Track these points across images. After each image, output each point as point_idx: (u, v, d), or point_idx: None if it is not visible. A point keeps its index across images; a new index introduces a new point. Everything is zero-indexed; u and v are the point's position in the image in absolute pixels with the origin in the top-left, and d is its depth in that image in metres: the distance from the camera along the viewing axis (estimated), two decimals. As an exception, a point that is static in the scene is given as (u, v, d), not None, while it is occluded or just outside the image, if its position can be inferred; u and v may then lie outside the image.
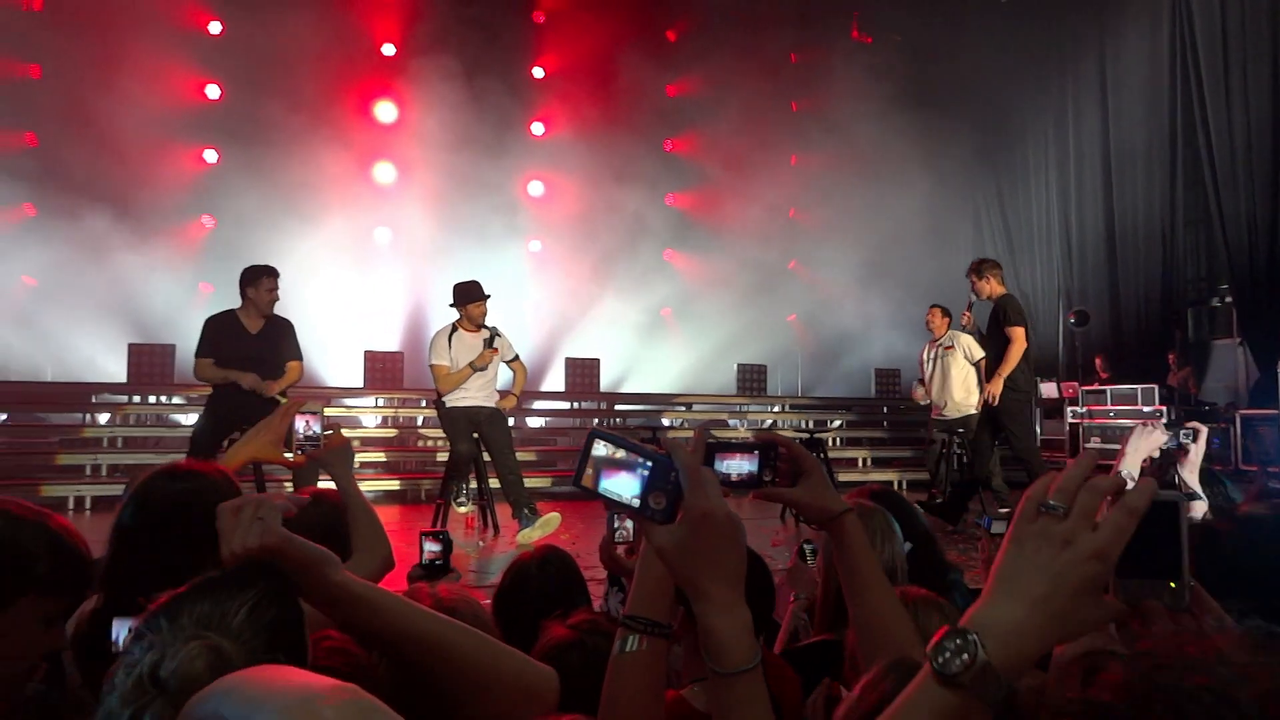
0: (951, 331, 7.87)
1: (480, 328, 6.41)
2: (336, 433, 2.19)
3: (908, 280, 12.23)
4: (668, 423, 11.94)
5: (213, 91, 11.60)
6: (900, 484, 10.02)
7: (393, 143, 12.30)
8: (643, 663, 1.07)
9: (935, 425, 8.04)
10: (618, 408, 12.01)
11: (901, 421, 12.42)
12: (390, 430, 10.48)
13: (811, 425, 11.81)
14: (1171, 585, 0.77)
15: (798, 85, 13.89)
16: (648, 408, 12.08)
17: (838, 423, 12.30)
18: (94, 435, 9.34)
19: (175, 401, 10.19)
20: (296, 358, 5.82)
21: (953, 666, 0.71)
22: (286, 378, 5.70)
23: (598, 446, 0.94)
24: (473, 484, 6.70)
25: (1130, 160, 12.51)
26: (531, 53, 13.16)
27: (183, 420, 9.94)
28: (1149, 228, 12.28)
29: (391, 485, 9.09)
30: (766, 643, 2.16)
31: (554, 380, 12.20)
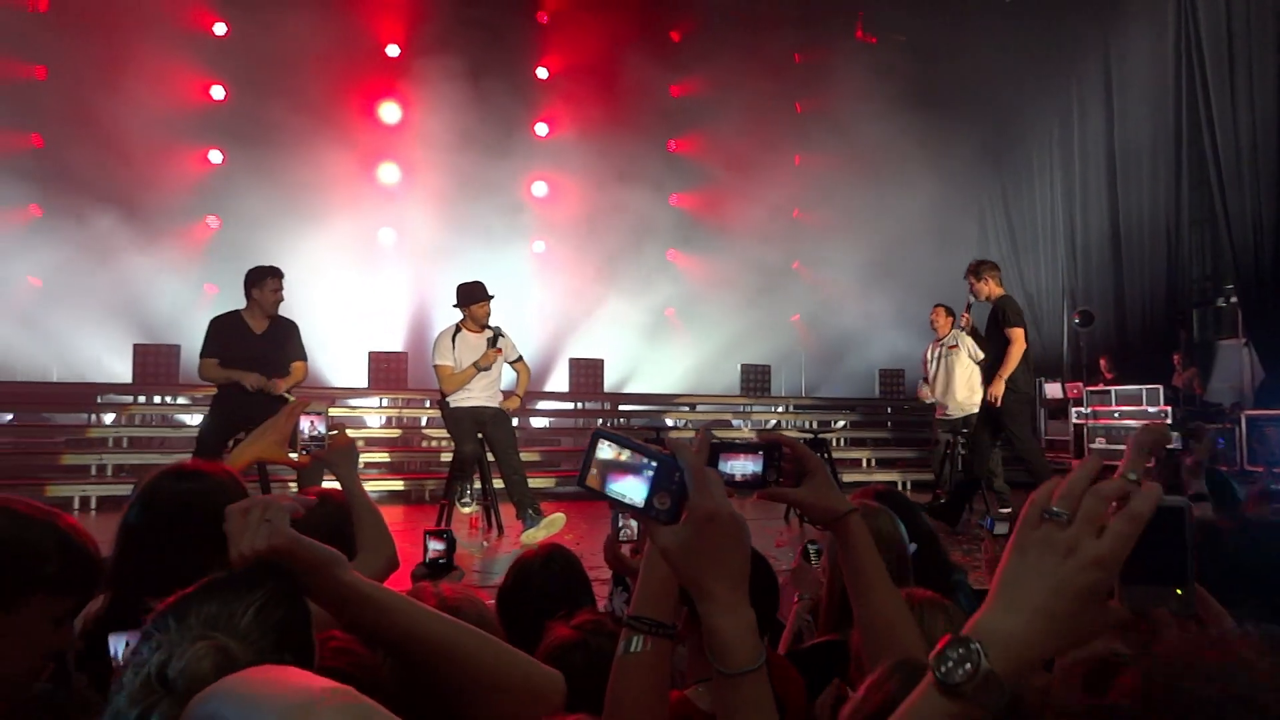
0: (955, 331, 7.87)
1: (484, 328, 6.42)
2: (341, 433, 2.19)
3: (912, 280, 12.21)
4: (671, 423, 11.94)
5: (217, 92, 11.63)
6: (904, 485, 10.00)
7: (397, 143, 12.32)
8: (647, 663, 1.07)
9: (940, 425, 8.05)
10: (621, 408, 12.01)
11: (905, 422, 12.40)
12: (394, 430, 10.50)
13: (815, 426, 11.80)
14: (1178, 592, 0.76)
15: (801, 85, 13.88)
16: (651, 408, 12.08)
17: (841, 423, 12.30)
18: (99, 435, 9.37)
19: (180, 402, 10.21)
20: (301, 358, 5.84)
21: (955, 676, 0.70)
22: (292, 378, 5.72)
23: (602, 447, 0.94)
24: (477, 484, 6.70)
25: (1135, 160, 12.48)
26: (535, 53, 13.16)
27: (188, 420, 9.95)
28: (1154, 227, 12.24)
29: (396, 485, 9.10)
30: (771, 643, 2.16)
31: (558, 381, 12.20)
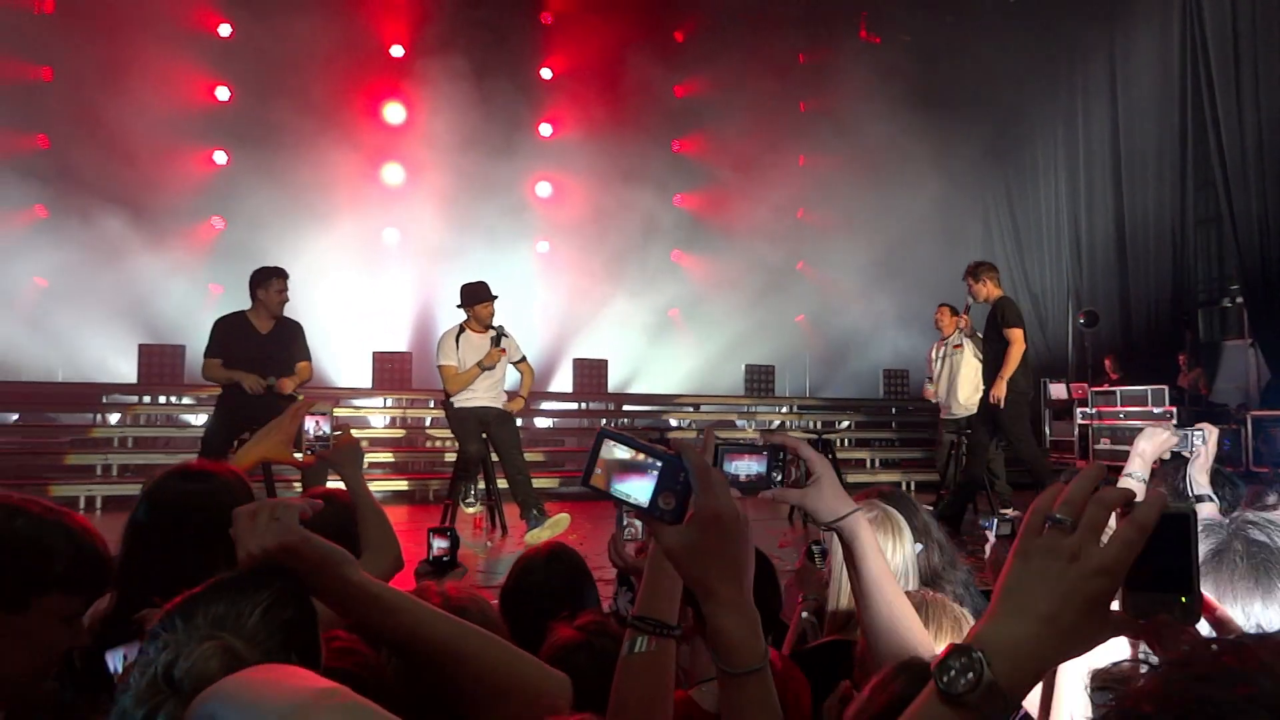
0: (959, 330, 7.86)
1: (488, 328, 6.42)
2: (346, 433, 2.20)
3: (916, 281, 12.19)
4: (675, 424, 11.94)
5: (222, 93, 11.65)
6: (909, 485, 9.98)
7: (401, 144, 12.33)
8: (652, 663, 1.07)
9: (944, 425, 8.04)
10: (625, 408, 12.01)
11: (910, 423, 12.38)
12: (398, 431, 10.51)
13: (819, 426, 11.79)
14: (1183, 600, 0.74)
15: (806, 86, 13.87)
16: (655, 408, 12.08)
17: (845, 424, 12.28)
18: (104, 435, 9.39)
19: (185, 402, 10.23)
20: (306, 359, 5.87)
21: (958, 686, 0.69)
22: (297, 378, 5.74)
23: (607, 446, 0.94)
24: (481, 484, 6.71)
25: (1140, 160, 12.46)
26: (539, 54, 13.17)
27: (192, 420, 9.98)
28: (1159, 228, 12.22)
29: (400, 485, 9.11)
30: (774, 644, 2.16)
31: (562, 381, 12.20)
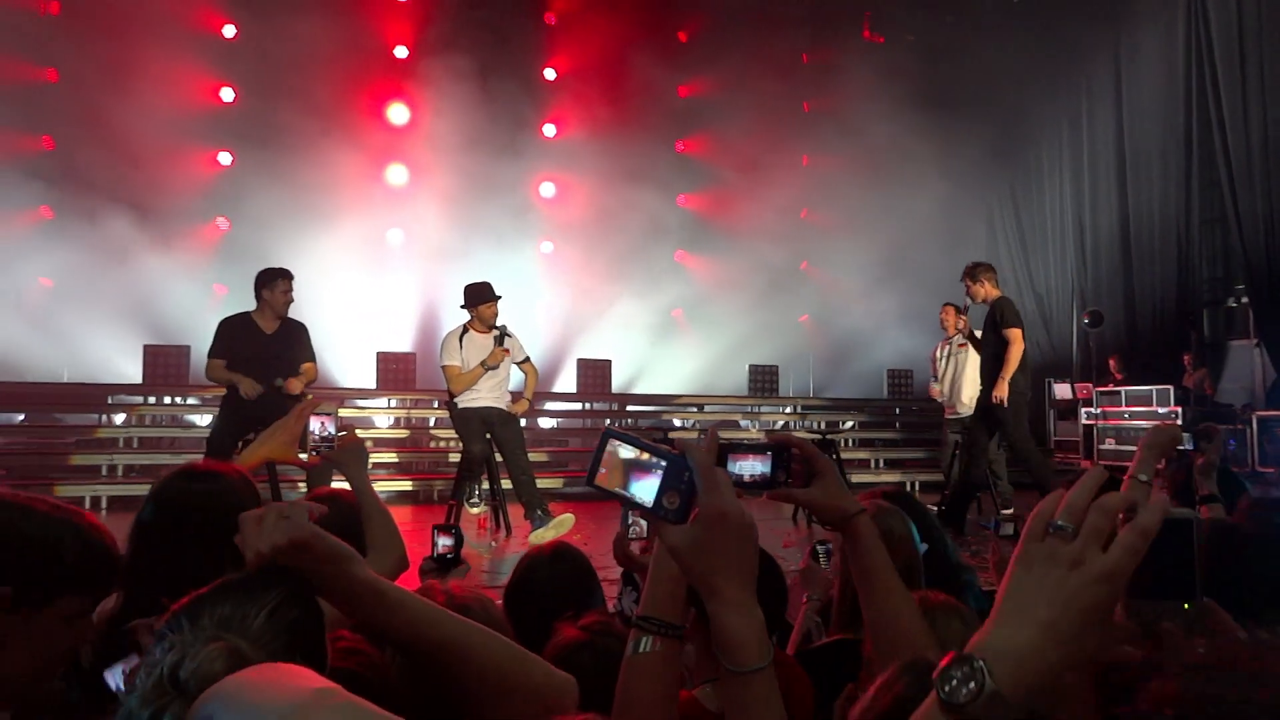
0: (974, 329, 7.85)
1: (491, 328, 6.43)
2: (351, 433, 2.20)
3: (920, 281, 12.17)
4: (679, 424, 11.93)
5: (227, 94, 11.67)
6: (912, 485, 9.97)
7: (405, 145, 12.34)
8: (656, 663, 1.07)
9: (949, 425, 8.04)
10: (629, 409, 12.01)
11: (914, 423, 12.36)
12: (403, 431, 10.52)
13: (823, 426, 11.78)
14: (1185, 606, 0.74)
15: (809, 86, 13.86)
16: (659, 409, 12.07)
17: (850, 424, 12.26)
18: (109, 435, 9.42)
19: (190, 402, 10.25)
20: (311, 360, 5.89)
21: (960, 695, 0.69)
22: (303, 378, 5.75)
23: (612, 446, 0.94)
24: (485, 485, 6.71)
25: (1145, 160, 12.42)
26: (543, 54, 13.17)
27: (197, 421, 10.00)
28: (1164, 228, 12.19)
29: (404, 486, 9.12)
30: (779, 644, 2.16)
31: (566, 381, 12.21)
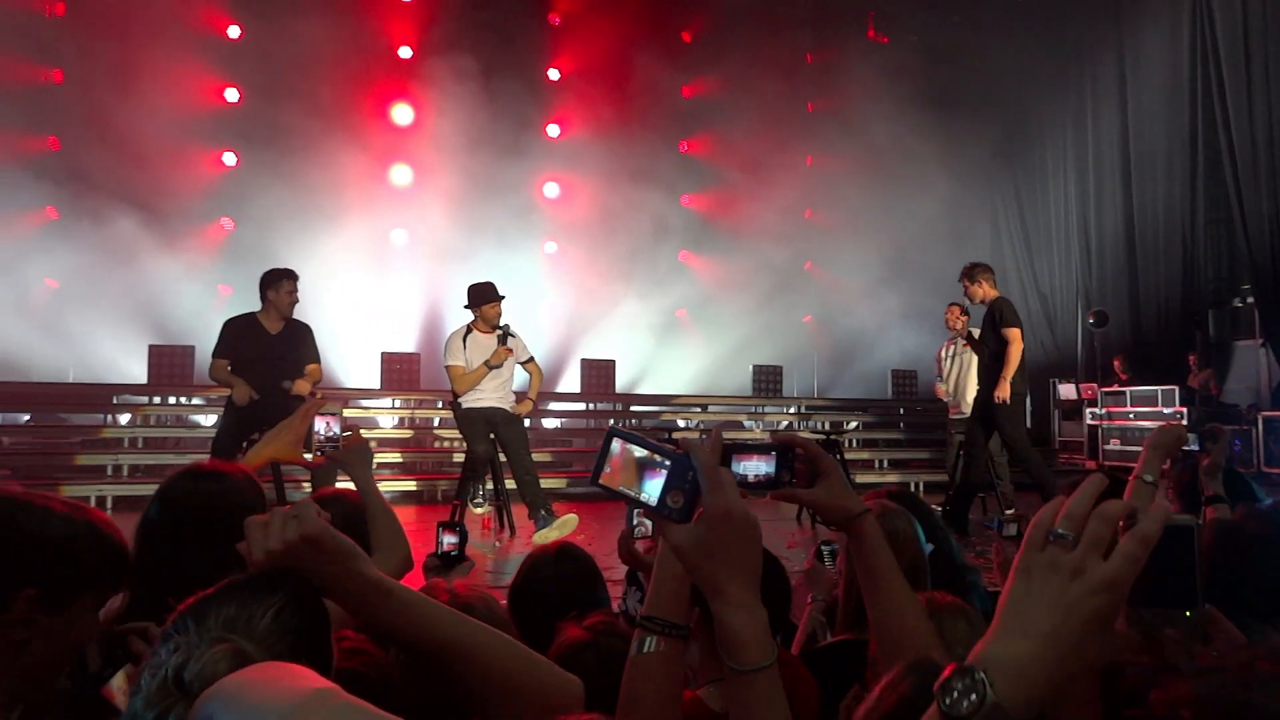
0: (971, 329, 7.85)
1: (495, 329, 6.44)
2: (355, 433, 2.20)
3: (924, 281, 12.15)
4: (683, 424, 11.93)
5: (231, 95, 11.70)
6: (916, 486, 9.95)
7: (409, 145, 12.36)
8: (660, 663, 1.08)
9: (954, 425, 8.03)
10: (633, 409, 12.00)
11: (918, 423, 12.34)
12: (407, 431, 10.52)
13: (827, 427, 11.76)
14: (1187, 614, 0.74)
15: (813, 86, 13.85)
16: (663, 409, 12.07)
17: (854, 424, 12.24)
18: (114, 435, 9.43)
19: (195, 402, 10.26)
20: (315, 361, 5.89)
21: (961, 708, 0.68)
22: (310, 379, 5.77)
23: (616, 445, 0.95)
24: (489, 485, 6.72)
25: (1150, 160, 12.40)
26: (547, 54, 13.18)
27: (202, 421, 10.01)
28: (1169, 227, 12.16)
29: (408, 486, 9.12)
30: (783, 644, 2.16)
31: (569, 381, 12.21)
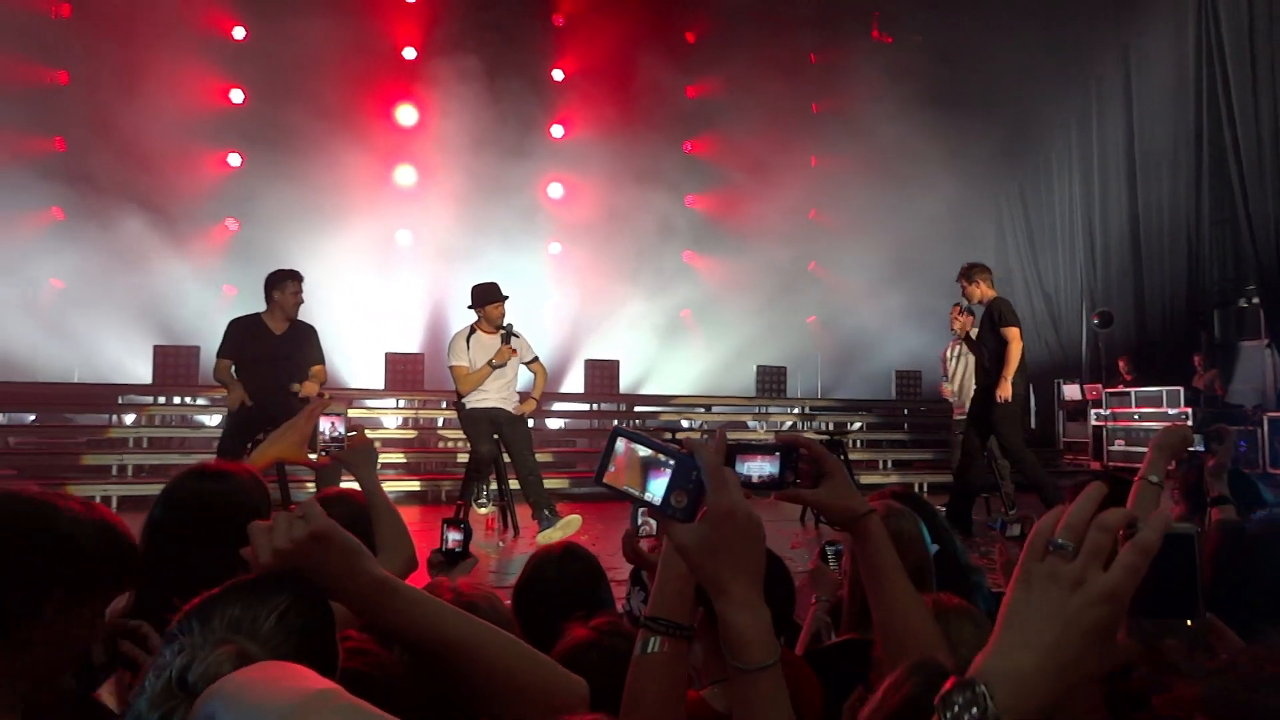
0: (971, 330, 7.83)
1: (498, 329, 6.44)
2: (360, 434, 2.21)
3: (929, 282, 12.12)
4: (686, 424, 11.92)
5: (236, 96, 11.73)
6: (921, 486, 9.94)
7: (413, 146, 12.38)
8: (664, 664, 1.08)
9: (959, 425, 8.01)
10: (637, 409, 12.00)
11: (922, 424, 12.32)
12: (411, 431, 10.53)
13: (831, 427, 11.75)
14: (1189, 624, 0.73)
15: (818, 86, 13.84)
16: (667, 409, 12.06)
17: (858, 425, 12.23)
18: (120, 435, 9.45)
19: (199, 403, 10.28)
20: (319, 362, 5.91)
21: None
22: (316, 380, 5.79)
23: (620, 444, 0.95)
24: (493, 485, 6.72)
25: (1155, 159, 12.36)
26: (551, 55, 13.19)
27: (207, 421, 10.03)
28: (1174, 227, 12.13)
29: (412, 486, 9.13)
30: (787, 645, 2.15)
31: (573, 382, 12.21)
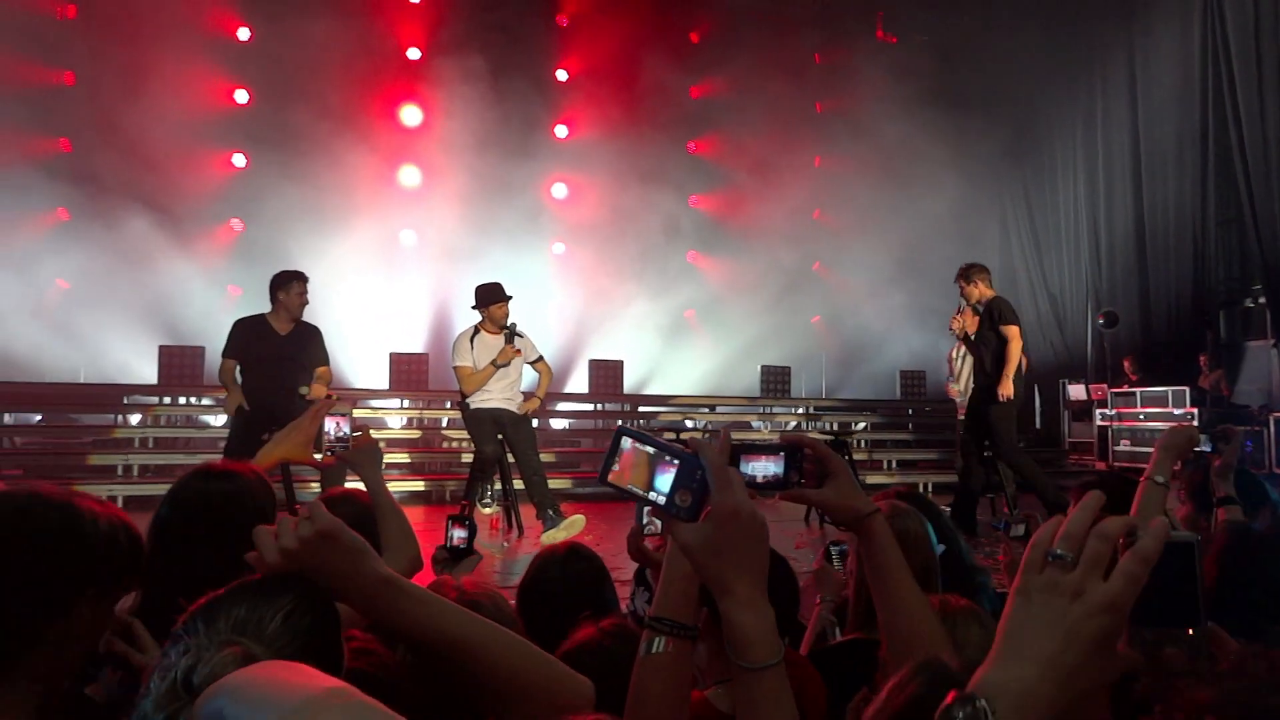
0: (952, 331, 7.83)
1: (502, 329, 6.45)
2: (365, 434, 2.21)
3: (933, 282, 12.10)
4: (691, 425, 11.92)
5: (241, 97, 11.76)
6: (926, 487, 9.92)
7: (418, 146, 12.39)
8: (669, 664, 1.08)
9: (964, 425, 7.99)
10: (641, 409, 12.00)
11: (927, 424, 12.30)
12: (415, 431, 10.55)
13: (836, 427, 11.74)
14: (1190, 633, 0.72)
15: (822, 86, 13.82)
16: (671, 409, 12.06)
17: (862, 425, 12.21)
18: (125, 436, 9.48)
19: (205, 403, 10.30)
20: (324, 363, 5.93)
21: None
22: (323, 381, 5.81)
23: (625, 444, 0.95)
24: (497, 485, 6.73)
25: (1160, 159, 12.32)
26: (555, 55, 13.20)
27: (212, 421, 10.06)
28: (1180, 227, 12.09)
29: (416, 486, 9.14)
30: (792, 645, 2.15)
31: (577, 382, 12.22)
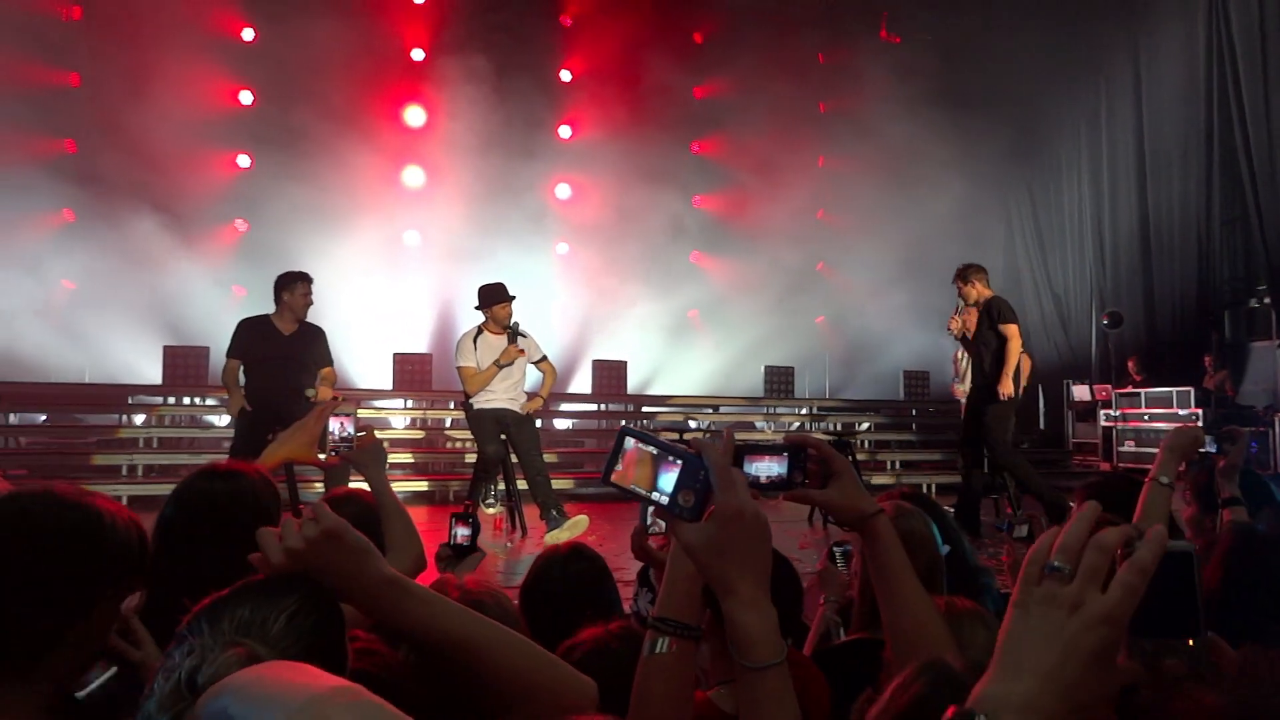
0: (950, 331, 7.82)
1: (505, 329, 6.45)
2: (369, 434, 2.22)
3: (937, 282, 12.01)
4: (694, 425, 11.91)
5: (245, 97, 11.78)
6: (929, 487, 9.91)
7: (421, 146, 12.40)
8: (672, 664, 1.08)
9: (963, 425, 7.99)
10: (645, 410, 12.00)
11: (931, 424, 12.28)
12: (419, 432, 10.56)
13: (839, 428, 11.72)
14: (1190, 643, 0.72)
15: (826, 86, 13.81)
16: (674, 410, 12.06)
17: (866, 425, 12.20)
18: (130, 436, 9.51)
19: (209, 403, 10.32)
20: (328, 364, 5.94)
21: None
22: (327, 382, 5.82)
23: (628, 444, 0.95)
24: (501, 485, 6.73)
25: (1165, 159, 12.30)
26: (558, 56, 13.21)
27: (216, 421, 10.08)
28: (1184, 227, 12.07)
29: (420, 486, 9.14)
30: (795, 645, 2.15)
31: (581, 382, 12.22)
